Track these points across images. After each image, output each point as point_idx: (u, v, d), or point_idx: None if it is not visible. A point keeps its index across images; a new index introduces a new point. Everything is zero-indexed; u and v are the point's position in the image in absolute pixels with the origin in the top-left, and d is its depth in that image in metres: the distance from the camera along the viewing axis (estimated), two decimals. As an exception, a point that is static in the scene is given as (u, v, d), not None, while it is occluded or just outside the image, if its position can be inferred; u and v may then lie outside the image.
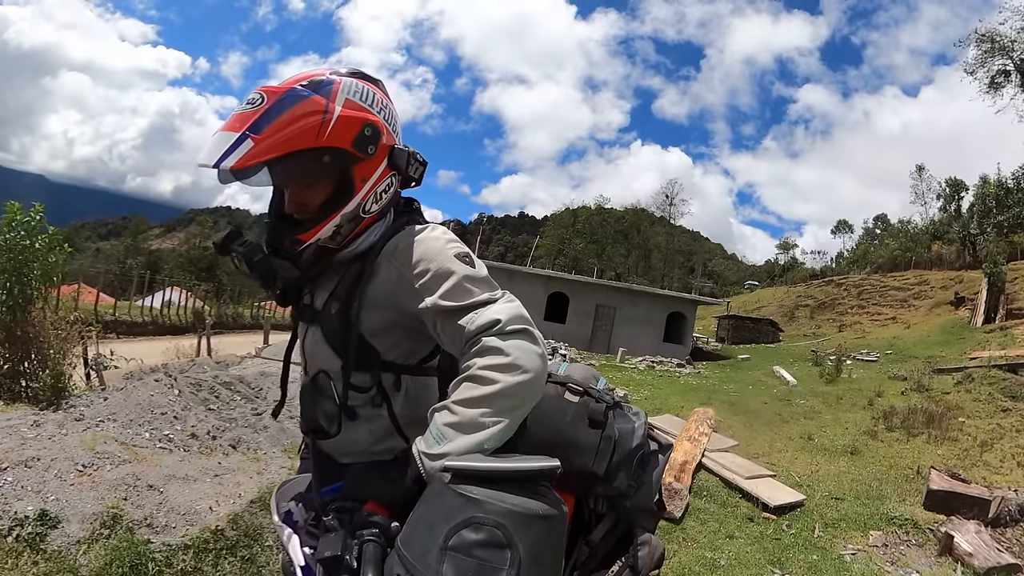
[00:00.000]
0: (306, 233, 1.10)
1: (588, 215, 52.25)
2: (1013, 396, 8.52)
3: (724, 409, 8.09)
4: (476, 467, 0.88)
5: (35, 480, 2.60)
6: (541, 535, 0.85)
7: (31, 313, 4.73)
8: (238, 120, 1.03)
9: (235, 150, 1.00)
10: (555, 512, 0.89)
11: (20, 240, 4.61)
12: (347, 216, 1.12)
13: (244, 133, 1.01)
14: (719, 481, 4.73)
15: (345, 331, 1.15)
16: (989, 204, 29.25)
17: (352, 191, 1.11)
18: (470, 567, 0.81)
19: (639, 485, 1.44)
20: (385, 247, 1.15)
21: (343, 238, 1.14)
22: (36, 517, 2.31)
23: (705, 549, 3.47)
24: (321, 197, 1.11)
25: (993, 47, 26.69)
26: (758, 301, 39.76)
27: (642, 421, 1.46)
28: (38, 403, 4.22)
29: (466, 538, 0.82)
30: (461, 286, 1.03)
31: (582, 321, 20.96)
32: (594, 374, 1.61)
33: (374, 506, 0.91)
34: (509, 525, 0.83)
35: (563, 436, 1.38)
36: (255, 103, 1.04)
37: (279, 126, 1.02)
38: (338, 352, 1.16)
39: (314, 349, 1.22)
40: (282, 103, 1.04)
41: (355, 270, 1.16)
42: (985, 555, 3.56)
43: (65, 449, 2.98)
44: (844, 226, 56.74)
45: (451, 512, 0.84)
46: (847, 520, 4.26)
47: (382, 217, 1.20)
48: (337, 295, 1.17)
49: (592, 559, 1.44)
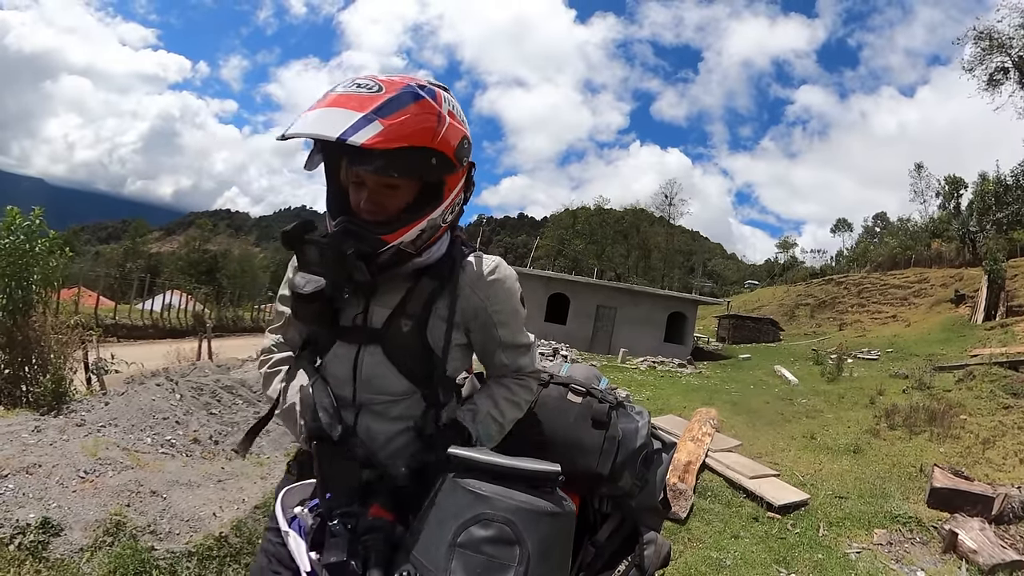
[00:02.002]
0: (392, 233, 1.05)
1: (588, 216, 52.22)
2: (1014, 393, 8.51)
3: (726, 409, 8.08)
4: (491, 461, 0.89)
5: (37, 487, 2.58)
6: (550, 532, 0.85)
7: (32, 317, 4.71)
8: (356, 101, 0.98)
9: (362, 129, 0.95)
10: (563, 510, 0.89)
11: (20, 244, 4.60)
12: (432, 222, 1.09)
13: (371, 115, 0.97)
14: (723, 481, 4.72)
15: (422, 350, 1.12)
16: (988, 201, 29.26)
17: (441, 198, 1.09)
18: (479, 563, 0.81)
19: (644, 484, 1.44)
20: (466, 269, 1.15)
21: (421, 244, 1.11)
22: (38, 525, 2.29)
23: (711, 549, 3.46)
24: (404, 200, 1.08)
25: (991, 44, 26.70)
26: (758, 300, 39.75)
27: (645, 420, 1.47)
28: (39, 408, 4.20)
29: (475, 534, 0.82)
30: (522, 328, 1.24)
31: (583, 322, 20.95)
32: (596, 374, 1.61)
33: (379, 510, 0.91)
34: (518, 522, 0.83)
35: (567, 437, 1.39)
36: (372, 89, 1.01)
37: (405, 116, 1.00)
38: (407, 373, 1.12)
39: (374, 372, 1.13)
40: (403, 96, 1.02)
41: (428, 287, 1.13)
42: (990, 552, 3.56)
43: (67, 455, 2.96)
44: (844, 225, 56.78)
45: (460, 509, 0.84)
46: (851, 519, 4.25)
47: (446, 232, 1.19)
48: (407, 312, 1.12)
49: (598, 559, 1.43)
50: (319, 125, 0.97)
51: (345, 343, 1.15)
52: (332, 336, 1.17)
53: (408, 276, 1.13)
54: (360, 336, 1.14)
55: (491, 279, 1.16)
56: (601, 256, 49.30)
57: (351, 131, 0.95)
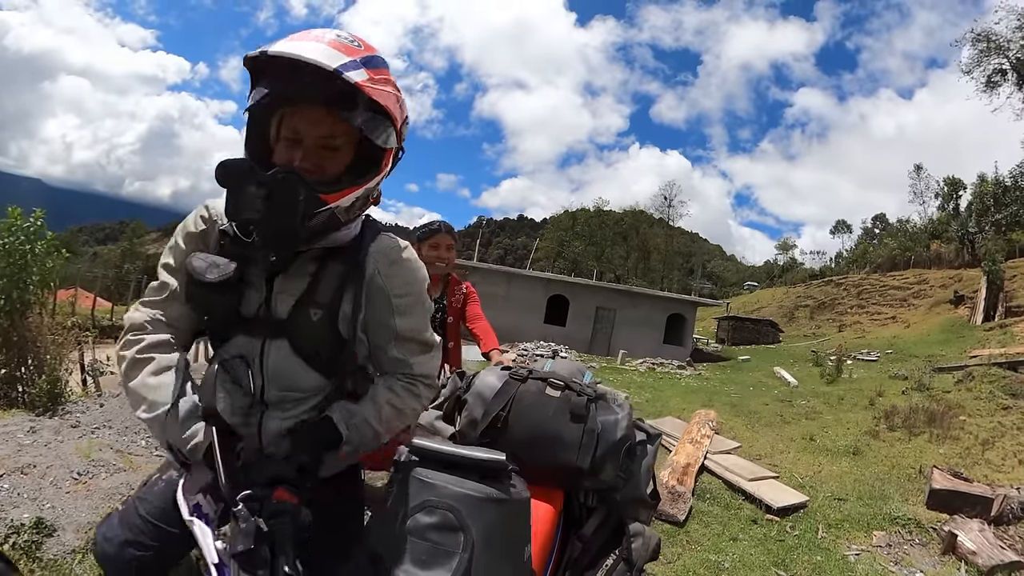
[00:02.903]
0: (333, 194, 0.96)
1: (587, 217, 52.20)
2: (1013, 394, 8.50)
3: (726, 411, 8.06)
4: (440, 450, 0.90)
5: (31, 487, 2.58)
6: (495, 519, 0.84)
7: (28, 319, 4.69)
8: (343, 47, 0.94)
9: (353, 70, 0.91)
10: (509, 497, 0.88)
11: (20, 245, 4.57)
12: (367, 192, 1.03)
13: (359, 61, 0.94)
14: (722, 483, 4.70)
15: (333, 341, 1.03)
16: (987, 202, 29.29)
17: (378, 169, 1.03)
18: (424, 550, 0.81)
19: (628, 476, 1.43)
20: (372, 249, 1.07)
21: (351, 215, 1.03)
22: (32, 525, 2.29)
23: (709, 552, 3.44)
24: (342, 163, 1.02)
25: (989, 46, 26.76)
26: (757, 302, 39.76)
27: (626, 412, 1.45)
28: (35, 409, 4.18)
29: (420, 521, 0.83)
30: (426, 323, 1.13)
31: (582, 323, 20.95)
32: (580, 368, 1.61)
33: (284, 493, 0.87)
34: (462, 509, 0.83)
35: (546, 431, 1.38)
36: (352, 42, 0.97)
37: (384, 76, 0.98)
38: (318, 367, 1.04)
39: (282, 367, 1.04)
40: (378, 59, 0.99)
41: (337, 271, 1.04)
42: (989, 553, 3.54)
43: (61, 456, 2.96)
44: (843, 226, 56.89)
45: (410, 497, 0.85)
46: (850, 521, 4.23)
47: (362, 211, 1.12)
48: (316, 301, 1.02)
49: (586, 554, 1.43)
50: (313, 51, 0.89)
51: (247, 336, 1.04)
52: (234, 327, 1.04)
53: (314, 260, 1.04)
54: (265, 329, 1.03)
55: (395, 259, 1.08)
56: (600, 258, 49.28)
57: (346, 68, 0.90)
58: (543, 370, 1.52)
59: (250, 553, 0.79)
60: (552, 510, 1.33)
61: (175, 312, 1.05)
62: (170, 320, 1.05)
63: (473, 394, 1.46)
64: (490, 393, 1.43)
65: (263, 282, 1.03)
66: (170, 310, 1.05)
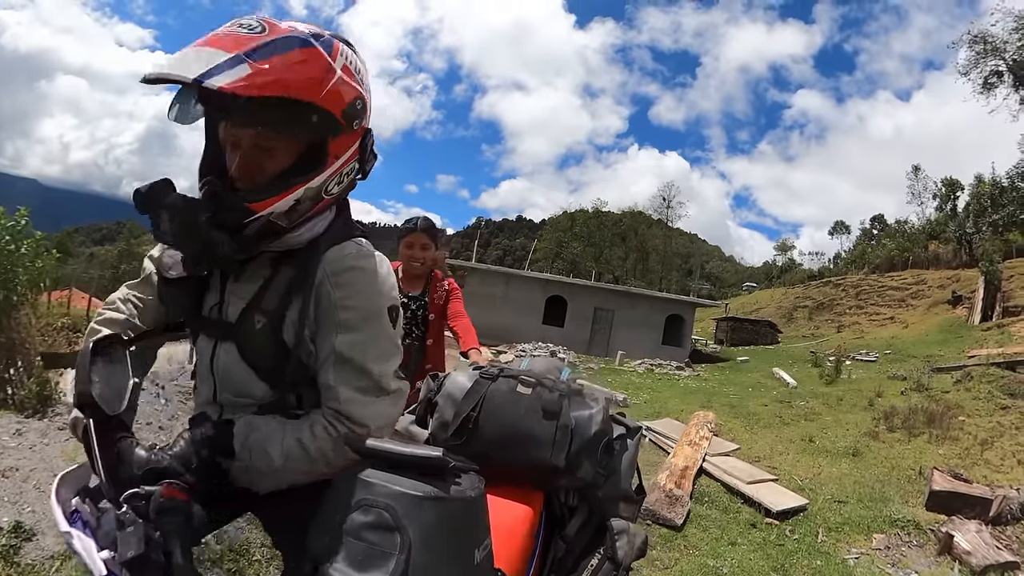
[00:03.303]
0: (260, 202, 0.91)
1: (586, 218, 52.19)
2: (1012, 394, 8.49)
3: (724, 412, 8.02)
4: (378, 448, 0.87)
5: (12, 491, 2.56)
6: (432, 519, 0.81)
7: (17, 319, 4.62)
8: (232, 40, 0.86)
9: (226, 71, 0.82)
10: (448, 496, 0.83)
11: (5, 245, 4.49)
12: (310, 192, 0.95)
13: (240, 56, 0.84)
14: (720, 486, 4.65)
15: (277, 351, 0.98)
16: (984, 203, 29.38)
17: (323, 164, 0.95)
18: (360, 550, 0.78)
19: (609, 473, 1.38)
20: (328, 253, 0.99)
21: (297, 218, 0.97)
22: (10, 529, 2.27)
23: (707, 557, 3.39)
24: (281, 164, 0.95)
25: (985, 48, 26.81)
26: (756, 303, 39.80)
27: (601, 406, 1.41)
28: (23, 411, 4.11)
29: (356, 520, 0.80)
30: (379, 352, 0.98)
31: (580, 324, 20.92)
32: (557, 365, 1.56)
33: (172, 491, 0.80)
34: (398, 507, 0.80)
35: (518, 430, 1.33)
36: (254, 30, 0.89)
37: (283, 63, 0.87)
38: (264, 376, 1.00)
39: (230, 372, 1.01)
40: (289, 41, 0.89)
41: (285, 276, 0.98)
42: (984, 553, 3.52)
43: (45, 460, 2.93)
44: (841, 227, 57.03)
45: (344, 495, 0.83)
46: (850, 523, 4.19)
47: (328, 207, 1.04)
48: (261, 307, 0.98)
49: (570, 554, 1.39)
50: (177, 65, 0.82)
51: (205, 336, 1.04)
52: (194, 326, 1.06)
53: (269, 263, 1.00)
54: (216, 330, 1.02)
55: (350, 266, 0.98)
56: (599, 258, 49.27)
57: (212, 73, 0.81)
58: (518, 368, 1.48)
59: (142, 559, 0.73)
60: (530, 511, 1.30)
61: (145, 294, 1.15)
62: (140, 301, 1.14)
63: (443, 395, 1.42)
64: (460, 393, 1.40)
65: (219, 284, 1.03)
66: (142, 292, 1.15)
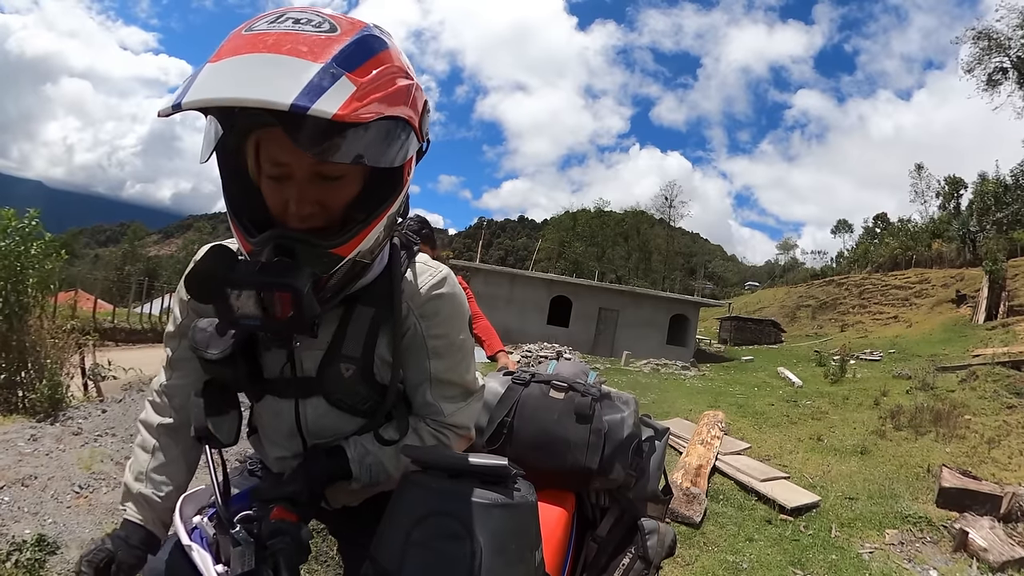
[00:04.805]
0: (344, 244, 0.75)
1: (588, 218, 52.26)
2: (1017, 393, 8.55)
3: (732, 411, 8.07)
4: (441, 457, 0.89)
5: (32, 501, 2.53)
6: (502, 525, 0.82)
7: (27, 322, 4.57)
8: (305, 44, 0.63)
9: (329, 90, 0.60)
10: (514, 501, 0.84)
11: (15, 247, 4.44)
12: (390, 219, 0.81)
13: (332, 66, 0.62)
14: (734, 484, 4.73)
15: (370, 392, 0.93)
16: (988, 201, 29.38)
17: (401, 186, 0.80)
18: (430, 560, 0.79)
19: (639, 474, 1.42)
20: (407, 289, 0.90)
21: (379, 252, 0.86)
22: (34, 542, 2.25)
23: (726, 553, 3.49)
24: (350, 193, 0.79)
25: (990, 44, 26.83)
26: (759, 302, 39.82)
27: (632, 409, 1.44)
28: (35, 415, 4.12)
29: (426, 531, 0.80)
30: (467, 365, 0.99)
31: (585, 324, 20.97)
32: (584, 368, 1.58)
33: (282, 512, 0.84)
34: (468, 516, 0.80)
35: (552, 434, 1.37)
36: (322, 28, 0.66)
37: (381, 74, 0.68)
38: (361, 413, 0.96)
39: (323, 423, 0.95)
40: (371, 43, 0.70)
41: (365, 316, 0.89)
42: (1000, 550, 3.60)
43: (62, 467, 2.91)
44: (844, 226, 56.90)
45: (412, 506, 0.83)
46: (862, 519, 4.28)
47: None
48: (344, 354, 0.89)
49: (602, 554, 1.42)
50: (249, 86, 0.58)
51: (276, 396, 0.94)
52: (257, 390, 0.95)
53: (339, 305, 0.88)
54: (295, 389, 0.93)
55: (433, 295, 0.91)
56: (602, 258, 49.34)
57: (313, 94, 0.58)
58: (546, 372, 1.52)
59: (251, 575, 0.77)
60: (564, 513, 1.32)
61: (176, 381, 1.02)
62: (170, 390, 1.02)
63: None
64: (494, 399, 1.42)
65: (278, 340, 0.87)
66: (173, 378, 1.03)
